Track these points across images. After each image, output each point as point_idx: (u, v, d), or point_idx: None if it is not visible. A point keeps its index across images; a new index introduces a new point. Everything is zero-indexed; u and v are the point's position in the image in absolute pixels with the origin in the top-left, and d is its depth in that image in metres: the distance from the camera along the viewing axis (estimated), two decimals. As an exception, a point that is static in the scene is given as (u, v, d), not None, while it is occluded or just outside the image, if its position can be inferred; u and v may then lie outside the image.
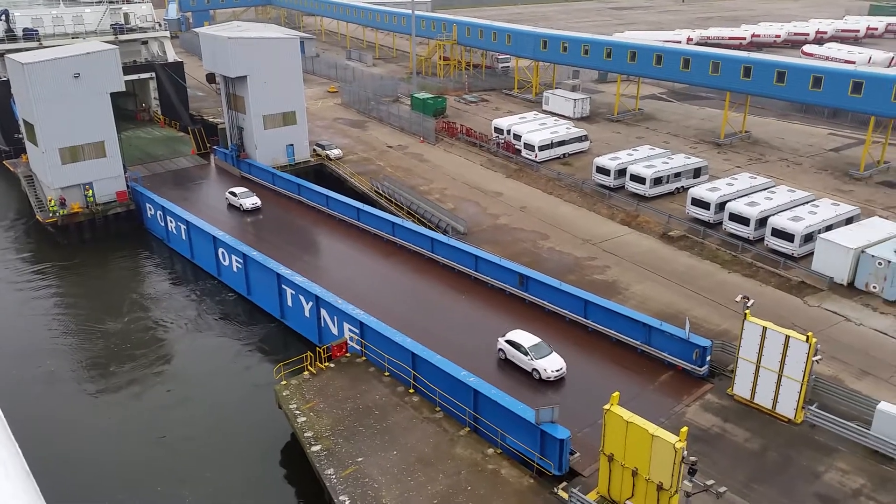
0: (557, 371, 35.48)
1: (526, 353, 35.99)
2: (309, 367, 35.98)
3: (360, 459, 30.08)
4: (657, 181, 56.44)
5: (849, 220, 48.07)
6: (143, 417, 38.11)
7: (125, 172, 60.74)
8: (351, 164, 67.27)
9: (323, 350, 36.89)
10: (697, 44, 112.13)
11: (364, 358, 37.33)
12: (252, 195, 59.56)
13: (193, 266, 54.32)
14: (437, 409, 33.28)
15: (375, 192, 60.82)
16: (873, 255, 42.13)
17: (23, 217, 64.93)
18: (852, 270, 43.02)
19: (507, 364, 36.99)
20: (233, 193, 60.00)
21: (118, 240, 59.05)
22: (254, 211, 58.45)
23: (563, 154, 66.92)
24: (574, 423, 31.25)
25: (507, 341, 37.07)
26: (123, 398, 39.81)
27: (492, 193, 60.46)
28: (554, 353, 36.31)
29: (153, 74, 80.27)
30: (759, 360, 32.66)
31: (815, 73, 61.30)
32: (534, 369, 35.72)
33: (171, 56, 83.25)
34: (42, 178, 59.54)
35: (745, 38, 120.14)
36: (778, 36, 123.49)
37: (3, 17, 75.10)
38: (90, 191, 58.50)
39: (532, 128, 68.73)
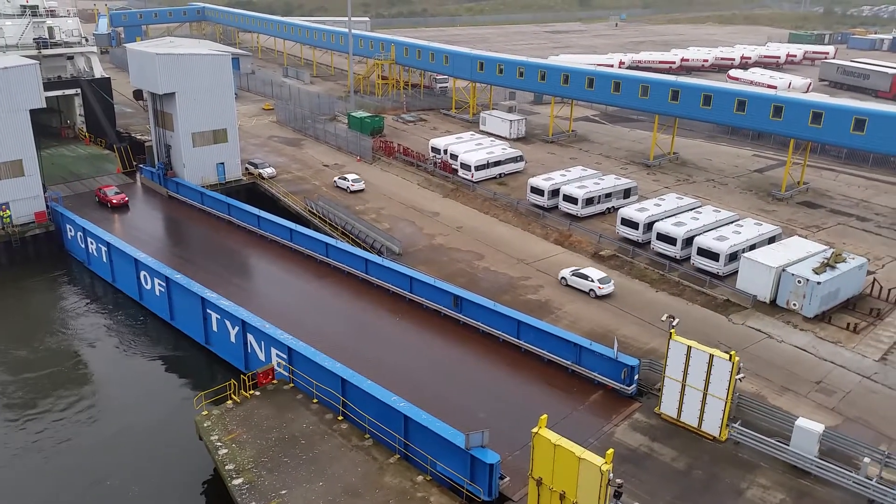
0: None
1: None
2: (233, 395, 34.65)
3: (283, 492, 28.98)
4: (589, 201, 57.31)
5: (771, 240, 49.69)
6: (57, 451, 35.96)
7: (45, 192, 58.11)
8: (285, 183, 66.09)
9: (248, 377, 35.61)
10: (629, 67, 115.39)
11: (292, 385, 36.23)
12: None
13: (115, 290, 52.02)
14: (367, 436, 32.49)
15: (309, 211, 59.81)
16: (793, 274, 43.61)
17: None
18: (774, 288, 44.40)
19: None
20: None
21: (36, 263, 56.25)
22: None
23: (499, 174, 67.40)
24: (505, 447, 31.01)
25: None
26: (37, 430, 37.47)
27: (428, 213, 60.26)
28: None
29: (78, 90, 77.57)
30: (684, 379, 33.19)
31: (739, 97, 63.63)
32: None
33: (99, 72, 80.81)
34: (-47, 198, 56.34)
35: (674, 63, 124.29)
36: (706, 60, 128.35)
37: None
38: (7, 211, 55.80)
39: (469, 148, 69.05)
